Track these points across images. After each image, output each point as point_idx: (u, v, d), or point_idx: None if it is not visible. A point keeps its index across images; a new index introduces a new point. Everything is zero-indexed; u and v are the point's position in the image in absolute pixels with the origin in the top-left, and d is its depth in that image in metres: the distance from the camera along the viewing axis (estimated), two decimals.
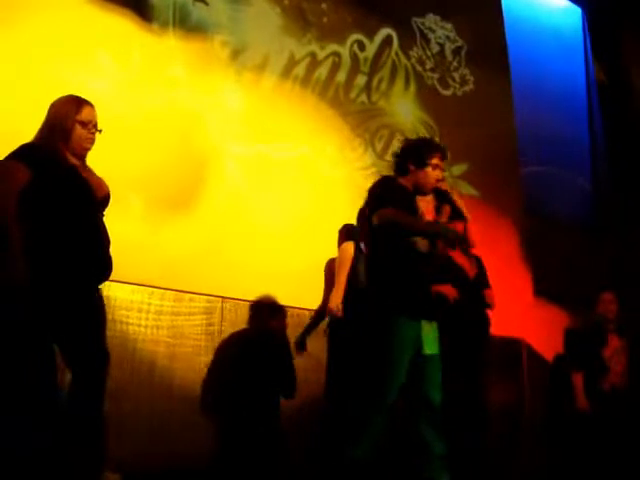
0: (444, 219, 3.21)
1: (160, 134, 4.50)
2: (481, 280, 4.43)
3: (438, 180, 3.18)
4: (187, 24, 4.84)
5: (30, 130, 3.87)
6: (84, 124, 2.98)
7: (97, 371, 2.90)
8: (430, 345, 3.02)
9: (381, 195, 3.11)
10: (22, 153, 2.86)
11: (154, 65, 4.64)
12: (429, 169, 3.17)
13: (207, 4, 4.95)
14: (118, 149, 3.37)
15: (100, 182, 3.06)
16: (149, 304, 4.24)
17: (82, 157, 3.04)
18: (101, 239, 2.95)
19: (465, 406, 4.12)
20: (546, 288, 6.21)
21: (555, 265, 6.26)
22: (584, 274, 6.36)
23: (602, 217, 7.22)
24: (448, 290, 4.21)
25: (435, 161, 3.18)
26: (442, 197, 3.22)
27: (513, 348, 5.77)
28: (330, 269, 4.22)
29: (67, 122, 2.94)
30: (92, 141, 3.02)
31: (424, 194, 3.22)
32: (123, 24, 4.54)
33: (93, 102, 3.36)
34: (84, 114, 2.99)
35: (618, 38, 7.75)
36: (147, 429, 4.05)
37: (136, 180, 4.13)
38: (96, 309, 3.00)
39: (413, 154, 3.22)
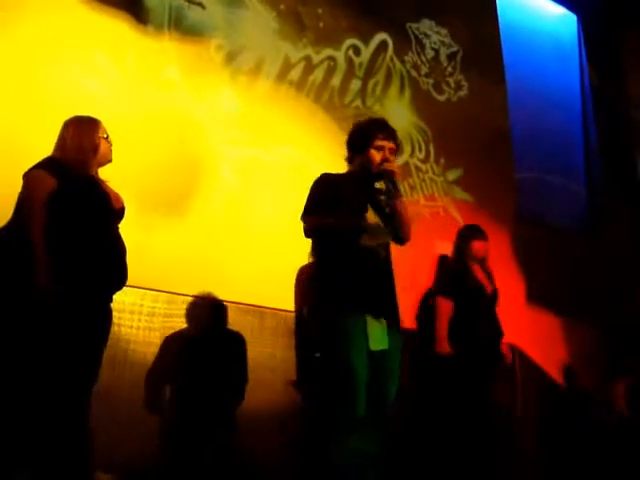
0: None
1: (155, 136, 4.51)
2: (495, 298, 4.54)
3: (383, 161, 3.08)
4: (182, 27, 4.85)
5: (26, 130, 3.92)
6: (105, 138, 3.14)
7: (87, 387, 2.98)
8: (376, 342, 2.98)
9: (309, 200, 3.12)
10: (46, 164, 2.98)
11: (149, 67, 4.65)
12: (373, 151, 3.11)
13: (203, 7, 4.96)
14: (112, 151, 3.39)
15: (116, 194, 3.19)
16: (141, 306, 4.25)
17: (97, 171, 3.17)
18: (118, 248, 3.07)
19: (471, 410, 4.17)
20: (539, 294, 6.21)
21: (548, 271, 6.26)
22: (578, 280, 6.38)
23: (596, 223, 7.24)
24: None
25: (378, 142, 3.11)
26: (386, 179, 3.09)
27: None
28: (302, 276, 4.05)
29: (94, 138, 3.09)
30: (111, 152, 3.19)
31: (376, 177, 3.12)
32: (118, 26, 4.55)
33: (88, 104, 3.40)
34: (102, 129, 3.15)
35: (613, 45, 7.78)
36: (139, 430, 4.05)
37: (130, 182, 4.12)
38: (105, 324, 3.08)
39: (356, 138, 3.18)
